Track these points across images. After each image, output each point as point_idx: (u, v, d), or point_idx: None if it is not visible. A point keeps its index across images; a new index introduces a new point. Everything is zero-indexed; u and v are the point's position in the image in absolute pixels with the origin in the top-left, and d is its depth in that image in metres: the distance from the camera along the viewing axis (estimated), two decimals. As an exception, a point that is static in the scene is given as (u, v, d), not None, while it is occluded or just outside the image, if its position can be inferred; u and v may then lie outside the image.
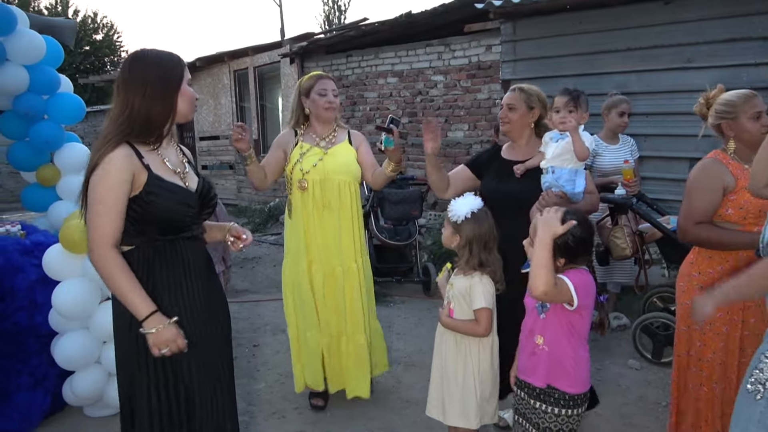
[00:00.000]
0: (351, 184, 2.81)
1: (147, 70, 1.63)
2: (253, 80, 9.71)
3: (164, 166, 1.69)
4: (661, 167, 5.11)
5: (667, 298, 3.91)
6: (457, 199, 2.15)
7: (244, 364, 3.61)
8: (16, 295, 2.74)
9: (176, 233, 1.70)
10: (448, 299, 2.17)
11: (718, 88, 2.18)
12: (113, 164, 1.56)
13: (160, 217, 1.65)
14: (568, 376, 1.83)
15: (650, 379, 3.30)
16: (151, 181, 1.62)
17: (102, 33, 22.16)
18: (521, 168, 2.42)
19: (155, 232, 1.66)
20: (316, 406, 2.97)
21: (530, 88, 2.52)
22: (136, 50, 1.70)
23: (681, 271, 2.27)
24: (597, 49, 5.34)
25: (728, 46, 4.66)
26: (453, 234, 2.13)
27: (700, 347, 2.15)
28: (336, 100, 2.81)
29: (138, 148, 1.63)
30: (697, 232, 2.09)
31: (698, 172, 2.16)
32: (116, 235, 1.58)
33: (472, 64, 6.69)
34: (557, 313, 1.82)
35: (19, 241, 2.92)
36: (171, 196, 1.66)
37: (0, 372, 2.66)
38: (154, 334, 1.57)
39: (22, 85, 3.62)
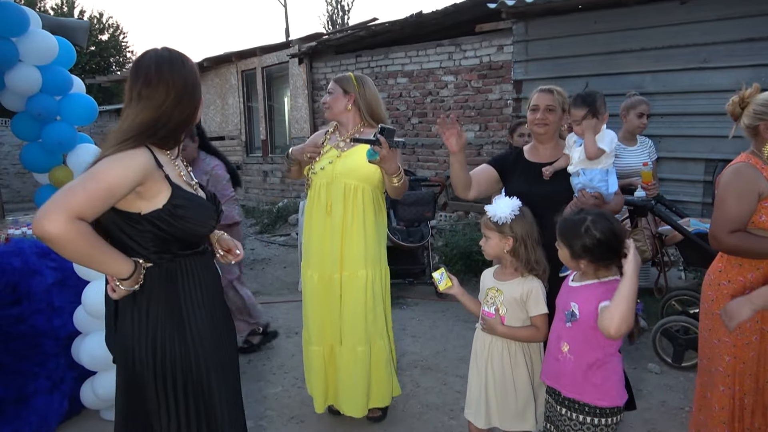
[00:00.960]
0: (361, 189, 2.64)
1: (186, 74, 1.56)
2: (261, 80, 9.69)
3: (181, 178, 1.60)
4: (676, 168, 5.07)
5: (685, 301, 3.87)
6: (495, 203, 2.09)
7: (260, 367, 3.58)
8: (33, 298, 2.71)
9: (194, 248, 1.62)
10: (495, 306, 2.10)
11: (755, 87, 2.04)
12: (129, 156, 1.43)
13: (188, 231, 1.55)
14: (596, 388, 1.77)
15: (671, 383, 3.25)
16: (177, 194, 1.51)
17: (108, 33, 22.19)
18: (550, 170, 2.40)
19: (177, 248, 1.56)
20: (333, 410, 2.93)
21: (562, 90, 2.49)
22: (169, 52, 1.58)
23: (708, 279, 2.16)
24: (611, 50, 5.30)
25: (746, 46, 4.62)
26: (502, 239, 2.07)
27: (730, 361, 2.05)
28: (328, 98, 2.71)
29: (156, 155, 1.51)
30: (731, 241, 1.98)
31: (731, 176, 2.02)
32: (88, 212, 1.35)
33: (483, 65, 6.65)
34: (586, 323, 1.75)
35: (36, 243, 2.88)
36: (198, 209, 1.58)
37: (18, 375, 2.64)
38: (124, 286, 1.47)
39: (34, 85, 3.60)
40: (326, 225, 2.65)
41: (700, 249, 3.37)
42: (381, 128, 2.37)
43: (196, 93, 1.60)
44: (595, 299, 1.72)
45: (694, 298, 3.82)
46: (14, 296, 2.68)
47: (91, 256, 1.39)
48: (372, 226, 2.67)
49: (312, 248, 2.71)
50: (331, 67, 8.39)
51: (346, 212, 2.62)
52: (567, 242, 1.80)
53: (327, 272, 2.65)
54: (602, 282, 1.78)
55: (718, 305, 2.05)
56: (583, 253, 1.75)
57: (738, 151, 2.14)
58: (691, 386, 3.21)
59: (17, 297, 2.69)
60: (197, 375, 1.57)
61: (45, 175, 3.99)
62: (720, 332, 2.05)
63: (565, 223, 1.83)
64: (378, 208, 2.72)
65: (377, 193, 2.71)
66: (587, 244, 1.74)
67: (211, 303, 1.64)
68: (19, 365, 2.67)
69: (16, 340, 2.66)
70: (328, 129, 2.86)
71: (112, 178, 1.39)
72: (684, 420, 2.85)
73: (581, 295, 1.79)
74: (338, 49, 8.26)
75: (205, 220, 1.61)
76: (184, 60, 1.58)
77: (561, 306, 1.88)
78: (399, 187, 2.59)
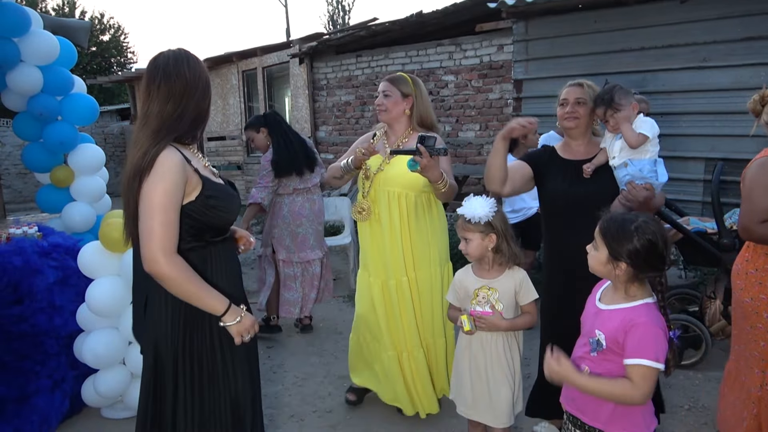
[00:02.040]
0: (405, 195, 2.62)
1: (202, 72, 1.65)
2: (262, 80, 9.70)
3: (207, 170, 1.70)
4: (676, 167, 5.06)
5: (685, 299, 3.87)
6: (468, 204, 2.10)
7: (260, 365, 3.58)
8: (34, 297, 2.72)
9: (224, 234, 1.72)
10: (490, 304, 2.11)
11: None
12: (169, 168, 1.51)
13: (222, 220, 1.66)
14: (625, 418, 1.60)
15: (670, 382, 3.25)
16: (208, 186, 1.61)
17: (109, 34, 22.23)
18: (591, 167, 2.30)
19: (210, 236, 1.66)
20: (349, 401, 3.00)
21: (593, 84, 2.38)
22: (183, 51, 1.67)
23: (736, 269, 2.22)
24: (611, 49, 5.30)
25: (746, 45, 4.61)
26: (485, 238, 2.08)
27: (765, 346, 2.10)
28: (385, 101, 2.68)
29: (182, 151, 1.60)
30: (762, 231, 2.05)
31: (758, 170, 2.10)
32: (176, 241, 1.53)
33: (483, 64, 6.66)
34: (615, 356, 1.58)
35: (37, 242, 2.90)
36: (228, 198, 1.68)
37: (19, 374, 2.65)
38: (237, 324, 1.58)
39: (36, 85, 3.62)
40: (376, 232, 2.71)
41: (699, 247, 3.37)
42: (420, 137, 2.34)
43: (209, 88, 1.68)
44: (621, 328, 1.56)
45: (694, 297, 3.82)
46: (15, 295, 2.69)
47: (192, 292, 1.53)
48: (416, 230, 2.65)
49: (368, 255, 2.76)
50: (332, 67, 8.40)
51: (392, 219, 2.63)
52: (609, 241, 1.59)
53: (384, 278, 2.70)
54: (633, 307, 1.60)
55: (747, 294, 2.13)
56: (625, 257, 1.56)
57: (738, 149, 2.19)
58: (690, 384, 3.22)
59: (18, 296, 2.70)
60: (222, 365, 1.65)
61: (46, 175, 4.01)
62: (753, 318, 2.13)
63: (611, 220, 1.63)
64: (425, 211, 2.68)
65: (422, 198, 2.67)
66: (633, 246, 1.55)
67: (234, 288, 1.71)
68: (21, 364, 2.68)
69: (17, 339, 2.67)
70: (376, 133, 2.83)
71: (168, 198, 1.50)
72: (683, 418, 2.86)
73: (608, 322, 1.61)
74: (339, 49, 8.28)
75: (234, 208, 1.70)
76: (197, 58, 1.67)
77: (587, 328, 1.71)
78: (446, 192, 2.54)
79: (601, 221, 1.66)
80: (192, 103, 1.61)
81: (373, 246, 2.74)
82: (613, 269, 1.59)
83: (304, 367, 3.56)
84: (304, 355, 3.78)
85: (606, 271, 1.62)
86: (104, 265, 2.75)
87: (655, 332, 1.51)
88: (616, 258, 1.57)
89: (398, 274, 2.65)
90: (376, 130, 2.86)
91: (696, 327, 3.35)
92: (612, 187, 2.27)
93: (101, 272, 2.75)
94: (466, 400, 2.21)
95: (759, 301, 2.11)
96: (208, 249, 1.66)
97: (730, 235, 3.18)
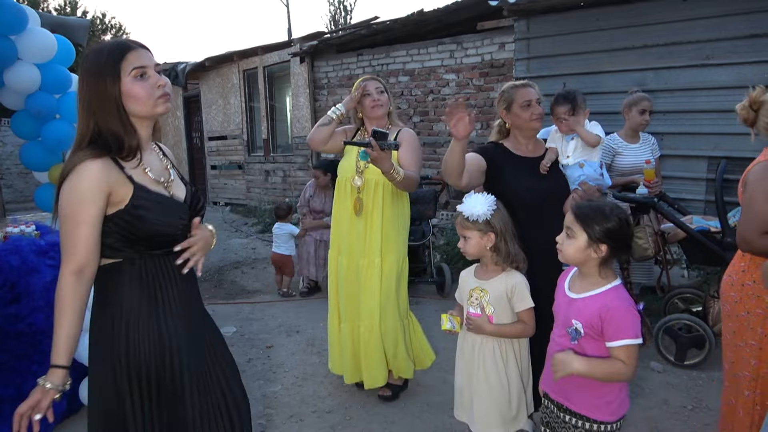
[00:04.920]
0: (381, 183, 2.84)
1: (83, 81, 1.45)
2: (263, 80, 9.67)
3: (147, 177, 1.51)
4: (679, 166, 5.03)
5: (688, 299, 3.84)
6: (468, 201, 2.07)
7: (259, 366, 3.57)
8: (31, 296, 2.70)
9: (166, 247, 1.53)
10: (480, 305, 2.07)
11: (760, 89, 1.99)
12: (87, 175, 1.37)
13: (149, 232, 1.47)
14: (609, 405, 1.70)
15: (673, 382, 3.22)
16: (137, 194, 1.44)
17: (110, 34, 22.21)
18: (547, 164, 2.45)
19: (144, 247, 1.49)
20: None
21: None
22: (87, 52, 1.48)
23: (730, 280, 2.08)
24: (613, 47, 5.26)
25: (749, 42, 4.58)
26: (483, 236, 2.05)
27: (755, 364, 1.97)
28: (381, 97, 2.92)
29: (118, 159, 1.45)
30: (763, 243, 1.89)
31: (761, 173, 1.92)
32: (86, 254, 1.38)
33: (484, 63, 6.62)
34: (593, 341, 1.67)
35: (35, 241, 2.88)
36: (160, 209, 1.49)
37: (16, 374, 2.62)
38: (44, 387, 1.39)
39: (33, 83, 3.59)
40: (352, 216, 2.90)
41: (702, 247, 3.34)
42: (373, 131, 2.56)
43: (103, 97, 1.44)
44: (597, 314, 1.65)
45: (697, 296, 3.79)
46: (12, 294, 2.67)
47: (60, 319, 1.40)
48: (389, 217, 2.88)
49: (342, 236, 2.97)
50: (333, 66, 8.37)
51: (369, 203, 2.87)
52: (588, 225, 1.67)
53: (354, 258, 2.91)
54: (604, 292, 1.69)
55: (742, 306, 1.98)
56: (605, 238, 1.65)
57: (742, 148, 2.11)
58: (693, 384, 3.19)
59: (16, 295, 2.67)
60: (169, 375, 1.51)
61: (45, 174, 3.98)
62: (745, 335, 1.98)
63: (584, 207, 1.73)
64: (398, 201, 2.92)
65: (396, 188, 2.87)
66: (613, 226, 1.65)
67: (186, 304, 1.57)
68: (18, 364, 2.66)
69: (14, 338, 2.64)
70: (355, 129, 3.08)
71: (80, 206, 1.37)
72: (686, 419, 2.83)
73: (584, 310, 1.69)
74: (340, 48, 8.24)
75: (169, 220, 1.51)
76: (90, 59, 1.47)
77: (562, 319, 1.78)
78: (401, 182, 2.71)
79: (572, 210, 1.73)
80: (94, 121, 1.44)
81: (351, 228, 2.91)
82: (593, 252, 1.67)
83: (304, 367, 3.54)
84: (304, 354, 3.76)
85: (584, 257, 1.69)
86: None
87: (629, 312, 1.62)
88: (598, 240, 1.66)
89: (371, 255, 2.87)
90: (353, 128, 3.10)
91: (699, 327, 3.31)
92: (564, 183, 2.47)
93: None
94: (456, 400, 2.20)
95: (755, 315, 1.96)
96: (146, 261, 1.49)
97: (734, 234, 3.14)
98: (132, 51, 1.45)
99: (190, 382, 1.54)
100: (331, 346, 3.08)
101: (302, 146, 9.06)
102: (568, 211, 1.77)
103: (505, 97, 2.47)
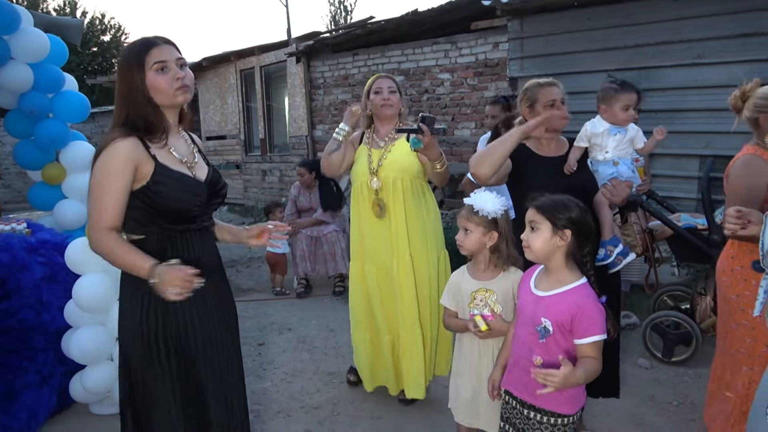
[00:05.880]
0: (400, 179, 2.75)
1: (119, 71, 1.65)
2: (260, 80, 9.70)
3: (171, 156, 1.68)
4: (671, 165, 5.06)
5: (677, 297, 3.86)
6: (478, 196, 2.03)
7: (250, 363, 3.59)
8: (22, 292, 2.73)
9: (186, 223, 1.69)
10: (488, 307, 2.03)
11: (755, 82, 2.14)
12: (117, 150, 1.56)
13: (169, 207, 1.63)
14: (571, 399, 1.73)
15: (660, 378, 3.25)
16: (158, 171, 1.61)
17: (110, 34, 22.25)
18: (573, 164, 2.31)
19: (166, 222, 1.66)
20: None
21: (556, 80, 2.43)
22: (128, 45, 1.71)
23: (722, 266, 2.23)
24: (606, 46, 5.29)
25: (740, 41, 4.60)
26: (485, 233, 2.01)
27: (751, 343, 2.09)
28: (392, 97, 2.81)
29: (146, 140, 1.63)
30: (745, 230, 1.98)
31: (741, 168, 2.12)
32: (114, 219, 1.56)
33: (479, 62, 6.65)
34: (561, 338, 1.69)
35: (25, 239, 2.91)
36: (179, 185, 1.64)
37: (6, 370, 2.65)
38: (157, 283, 1.48)
39: (26, 83, 3.61)
40: (373, 220, 2.79)
41: (689, 244, 3.36)
42: (422, 117, 2.44)
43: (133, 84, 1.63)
44: (567, 312, 1.66)
45: (686, 294, 3.81)
46: (3, 291, 2.70)
47: (120, 258, 1.56)
48: (413, 214, 2.76)
49: (364, 242, 2.85)
50: (329, 66, 8.40)
51: (390, 202, 2.75)
52: (550, 215, 1.71)
53: (383, 263, 2.79)
54: (573, 289, 1.71)
55: (733, 290, 2.14)
56: (569, 223, 1.69)
57: (732, 146, 2.19)
58: (680, 381, 3.21)
59: (6, 292, 2.71)
60: (185, 350, 1.66)
61: (38, 173, 4.00)
62: (737, 316, 2.13)
63: (543, 201, 1.76)
64: (419, 196, 2.81)
65: (417, 182, 2.80)
66: (575, 214, 1.70)
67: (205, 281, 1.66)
68: (8, 360, 2.68)
69: (4, 334, 2.67)
70: (364, 132, 2.94)
71: (109, 176, 1.55)
72: (672, 414, 2.85)
73: (552, 308, 1.71)
74: (335, 48, 8.27)
75: (186, 197, 1.65)
76: (123, 53, 1.69)
77: (528, 317, 1.77)
78: (442, 173, 2.67)
79: (533, 206, 1.76)
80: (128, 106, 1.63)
81: (372, 231, 2.80)
82: (559, 240, 1.70)
83: (295, 364, 3.57)
84: (295, 351, 3.78)
85: (550, 248, 1.72)
86: (91, 262, 2.75)
87: (597, 309, 1.66)
88: (562, 227, 1.69)
89: (400, 254, 2.74)
90: (362, 130, 2.96)
91: (686, 324, 3.34)
92: (587, 180, 2.31)
93: (88, 268, 2.76)
94: (467, 406, 2.12)
95: (745, 298, 2.10)
96: (167, 237, 1.66)
97: (720, 231, 3.16)
98: (155, 47, 1.62)
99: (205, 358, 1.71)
100: (364, 362, 2.94)
101: (299, 146, 9.09)
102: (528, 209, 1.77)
103: (529, 95, 2.35)
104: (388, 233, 2.77)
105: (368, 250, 2.84)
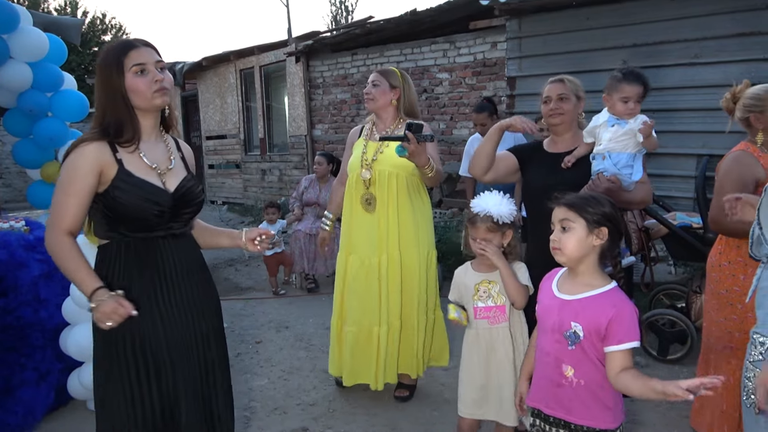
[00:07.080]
0: (395, 175, 2.74)
1: (98, 72, 1.64)
2: (259, 79, 9.72)
3: (140, 162, 1.63)
4: (668, 164, 5.07)
5: (673, 295, 3.88)
6: (486, 202, 2.05)
7: (247, 360, 3.61)
8: (19, 290, 2.74)
9: (146, 231, 1.64)
10: (492, 297, 2.08)
11: (744, 83, 2.22)
12: (84, 152, 1.56)
13: (125, 214, 1.60)
14: (609, 411, 1.58)
15: (656, 376, 3.23)
16: (119, 176, 1.58)
17: (111, 34, 22.27)
18: (571, 158, 2.27)
19: (125, 228, 1.63)
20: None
21: (573, 78, 2.38)
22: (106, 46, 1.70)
23: (711, 261, 2.30)
24: (604, 45, 5.30)
25: (737, 41, 4.61)
26: (503, 236, 2.06)
27: (739, 336, 2.14)
28: (373, 90, 2.79)
29: (116, 145, 1.61)
30: (731, 224, 2.00)
31: (731, 163, 2.18)
32: (71, 222, 1.56)
33: (477, 62, 6.66)
34: (594, 344, 1.54)
35: (23, 236, 2.92)
36: (137, 192, 1.59)
37: (4, 366, 2.67)
38: (94, 309, 1.49)
39: (25, 82, 3.64)
40: (360, 212, 2.81)
41: (685, 242, 3.38)
42: (408, 124, 2.44)
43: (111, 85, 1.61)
44: (603, 316, 1.52)
45: (682, 292, 3.82)
46: (1, 288, 2.71)
47: (67, 270, 1.57)
48: (406, 210, 2.76)
49: (353, 234, 2.86)
50: (328, 65, 8.42)
51: (382, 197, 2.75)
52: (584, 212, 1.57)
53: (365, 257, 2.79)
54: (607, 292, 1.57)
55: (722, 285, 2.21)
56: (604, 220, 1.55)
57: (729, 146, 2.26)
58: (675, 379, 3.18)
59: (4, 289, 2.72)
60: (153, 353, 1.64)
61: (37, 171, 4.03)
62: (727, 310, 2.19)
63: (573, 198, 1.63)
64: (414, 193, 2.81)
65: (412, 179, 2.80)
66: (608, 210, 1.57)
67: (172, 286, 1.67)
68: (6, 356, 2.70)
69: (2, 331, 2.69)
70: (364, 126, 2.96)
71: (71, 179, 1.56)
72: (665, 411, 2.87)
73: (583, 313, 1.56)
74: (334, 48, 8.29)
75: (142, 205, 1.60)
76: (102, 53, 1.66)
77: (554, 322, 1.61)
78: (433, 177, 2.67)
79: (562, 203, 1.62)
80: (102, 106, 1.62)
81: (358, 224, 2.82)
82: (595, 239, 1.56)
83: (291, 362, 3.58)
84: (292, 349, 3.80)
85: (585, 248, 1.57)
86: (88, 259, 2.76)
87: (636, 314, 1.54)
88: (597, 223, 1.55)
89: (389, 251, 2.75)
90: (364, 123, 2.98)
91: (682, 322, 3.35)
92: (581, 177, 2.23)
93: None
94: (473, 398, 2.13)
95: (732, 293, 2.17)
96: (127, 243, 1.63)
97: (715, 230, 3.18)
98: (134, 49, 1.61)
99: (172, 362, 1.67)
100: (331, 348, 2.98)
101: (298, 145, 9.11)
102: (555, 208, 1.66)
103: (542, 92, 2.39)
104: (375, 228, 2.77)
105: (354, 243, 2.85)
